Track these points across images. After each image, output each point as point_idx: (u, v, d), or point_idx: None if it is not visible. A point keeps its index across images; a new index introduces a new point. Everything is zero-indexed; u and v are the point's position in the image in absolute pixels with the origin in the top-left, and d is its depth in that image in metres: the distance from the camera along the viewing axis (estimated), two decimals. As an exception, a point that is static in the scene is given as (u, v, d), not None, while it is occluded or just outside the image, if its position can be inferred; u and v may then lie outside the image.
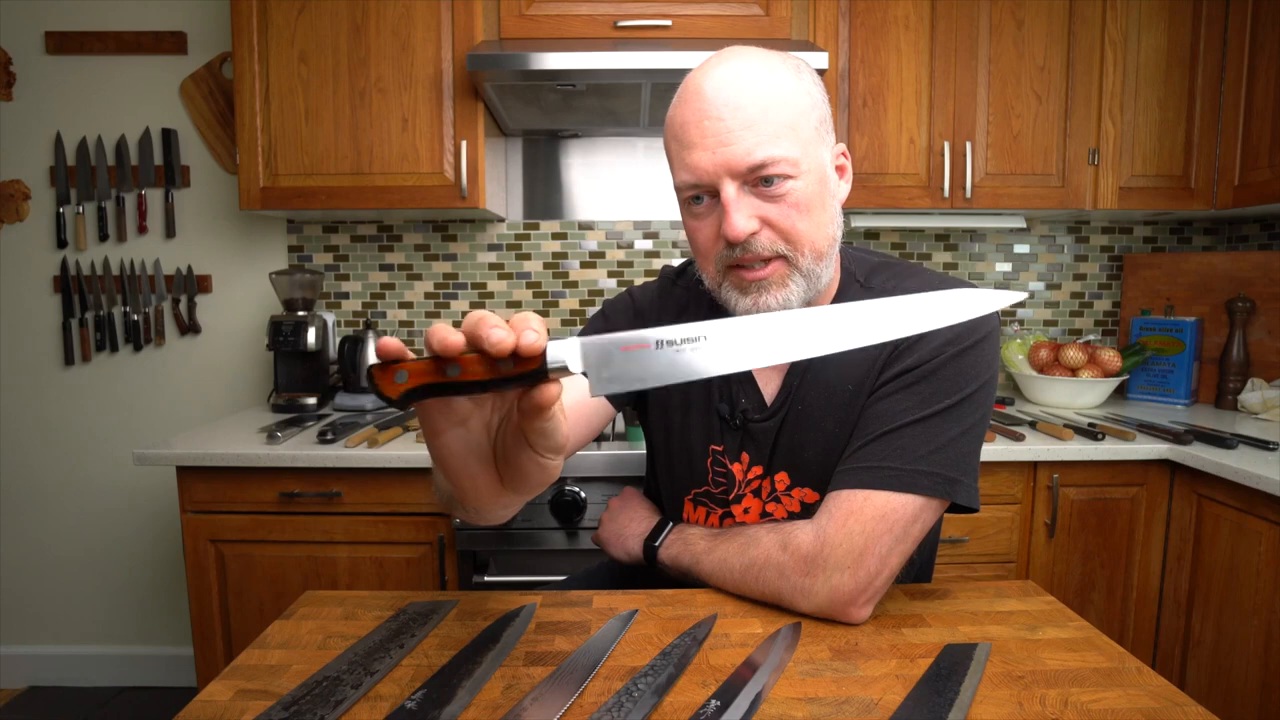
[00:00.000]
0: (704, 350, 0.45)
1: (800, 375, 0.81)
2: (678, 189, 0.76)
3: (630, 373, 0.45)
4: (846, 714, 0.55)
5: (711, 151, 0.71)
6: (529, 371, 0.43)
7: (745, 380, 0.85)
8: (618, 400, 0.91)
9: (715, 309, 0.87)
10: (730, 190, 0.71)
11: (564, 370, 0.44)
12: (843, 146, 0.80)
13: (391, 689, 0.58)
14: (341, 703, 0.55)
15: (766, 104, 0.71)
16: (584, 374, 0.45)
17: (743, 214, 0.71)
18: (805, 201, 0.73)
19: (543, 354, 0.43)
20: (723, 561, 0.76)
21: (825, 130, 0.76)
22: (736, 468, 0.85)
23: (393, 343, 0.44)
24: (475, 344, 0.43)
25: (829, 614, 0.70)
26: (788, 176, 0.72)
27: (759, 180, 0.71)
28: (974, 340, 0.75)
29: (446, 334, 0.43)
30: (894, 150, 1.77)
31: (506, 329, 0.42)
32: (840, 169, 0.80)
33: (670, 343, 0.45)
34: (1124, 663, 0.62)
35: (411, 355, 0.44)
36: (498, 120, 1.87)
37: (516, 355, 0.43)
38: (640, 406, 0.97)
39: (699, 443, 0.87)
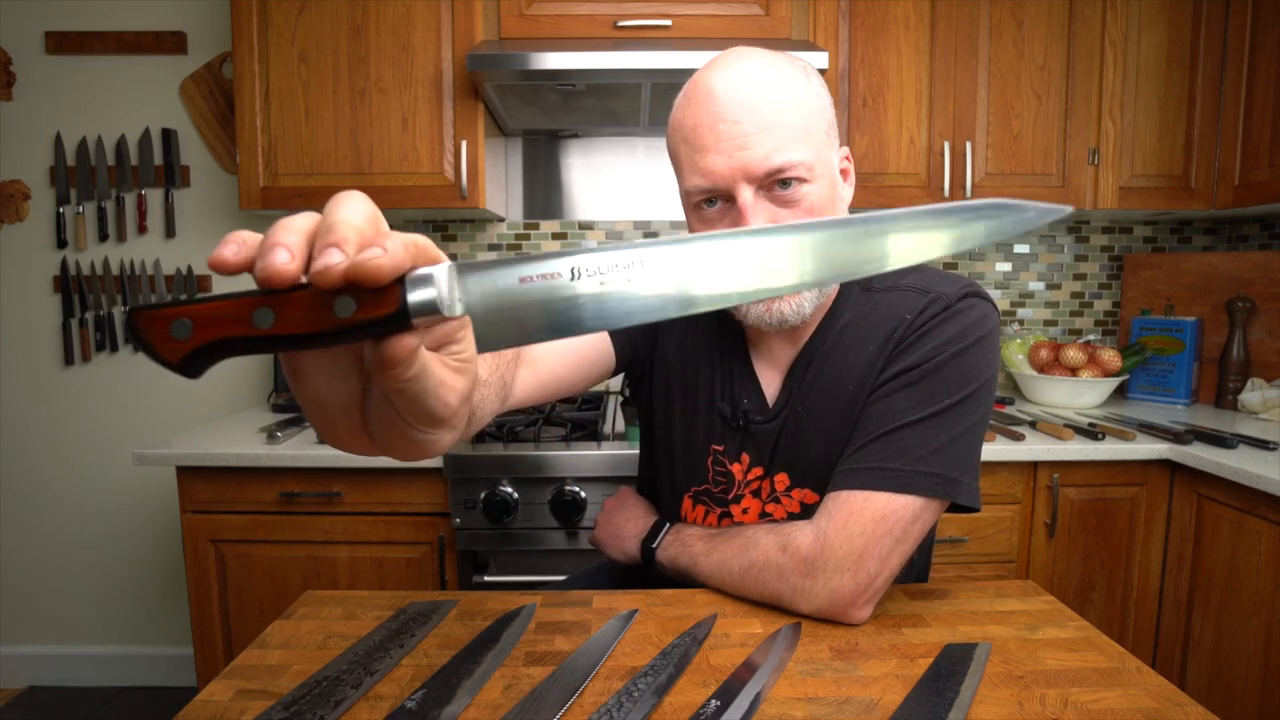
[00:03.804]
0: (642, 282, 0.31)
1: (802, 375, 0.81)
2: (688, 192, 0.75)
3: (533, 320, 0.31)
4: (846, 714, 0.55)
5: (728, 155, 0.70)
6: (379, 318, 0.29)
7: (748, 379, 0.84)
8: (621, 344, 0.87)
9: (717, 311, 0.87)
10: (747, 195, 0.70)
11: (433, 314, 0.29)
12: (846, 150, 0.80)
13: (391, 689, 0.58)
14: (341, 703, 0.55)
15: (781, 107, 0.70)
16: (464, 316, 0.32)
17: (760, 218, 0.71)
18: (819, 206, 0.73)
19: (399, 287, 0.29)
20: (722, 563, 0.76)
21: (833, 133, 0.76)
22: (736, 468, 0.84)
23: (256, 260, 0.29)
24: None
25: (829, 615, 0.70)
26: (803, 181, 0.71)
27: (775, 184, 0.71)
28: (974, 339, 0.75)
29: (276, 254, 0.28)
30: (894, 150, 1.77)
31: (344, 248, 0.28)
32: (844, 172, 0.80)
33: (593, 273, 0.31)
34: (1124, 663, 0.62)
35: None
36: (498, 120, 1.87)
37: (358, 288, 0.28)
38: (639, 399, 0.96)
39: (700, 441, 0.87)
